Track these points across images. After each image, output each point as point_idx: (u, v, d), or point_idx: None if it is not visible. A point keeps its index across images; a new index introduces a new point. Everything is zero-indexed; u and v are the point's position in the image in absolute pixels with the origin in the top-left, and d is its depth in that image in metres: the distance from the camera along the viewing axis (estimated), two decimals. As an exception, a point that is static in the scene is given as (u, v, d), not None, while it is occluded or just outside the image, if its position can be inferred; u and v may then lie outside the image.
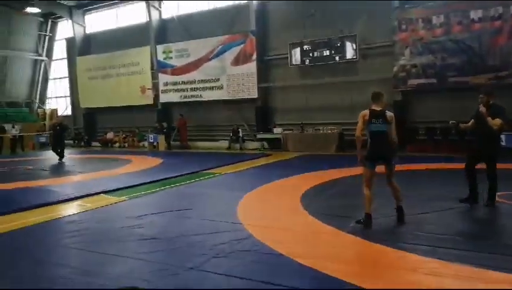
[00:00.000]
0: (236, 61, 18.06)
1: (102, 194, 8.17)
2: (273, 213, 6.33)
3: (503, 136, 9.95)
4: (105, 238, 5.28)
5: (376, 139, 5.44)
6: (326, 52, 16.02)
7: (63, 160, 14.77)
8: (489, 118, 5.91)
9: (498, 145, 6.29)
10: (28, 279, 4.01)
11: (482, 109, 6.01)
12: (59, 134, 15.18)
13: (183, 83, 19.71)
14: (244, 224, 5.61)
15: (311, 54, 16.35)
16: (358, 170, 8.03)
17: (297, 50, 16.63)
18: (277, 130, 17.03)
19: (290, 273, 3.92)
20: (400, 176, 5.87)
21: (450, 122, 6.85)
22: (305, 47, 16.41)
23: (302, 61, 16.60)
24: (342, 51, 15.76)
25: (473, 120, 6.36)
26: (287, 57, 16.88)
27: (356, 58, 15.64)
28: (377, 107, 5.51)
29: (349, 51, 15.63)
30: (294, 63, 16.79)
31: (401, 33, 14.65)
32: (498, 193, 6.25)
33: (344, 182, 8.80)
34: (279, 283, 3.65)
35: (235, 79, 18.13)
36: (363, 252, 4.63)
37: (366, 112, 5.50)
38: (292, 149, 15.76)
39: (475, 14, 13.44)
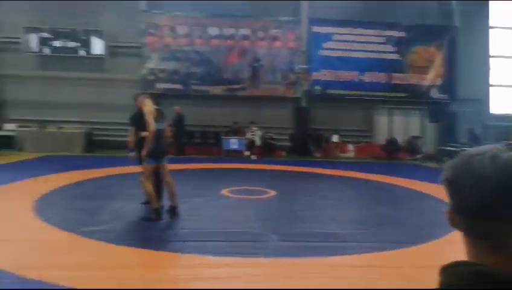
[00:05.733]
0: None
1: None
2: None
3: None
4: None
5: (159, 136, 5.57)
6: (71, 44, 14.83)
7: None
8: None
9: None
10: None
11: None
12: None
13: None
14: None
15: (51, 43, 14.73)
16: (108, 171, 9.52)
17: (34, 36, 14.67)
18: (9, 126, 14.40)
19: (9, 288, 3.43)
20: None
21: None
22: (44, 34, 14.65)
23: (41, 50, 14.84)
24: (88, 44, 14.88)
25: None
26: (21, 42, 14.70)
27: (104, 55, 15.02)
28: (154, 106, 5.65)
29: (96, 46, 14.92)
30: (30, 50, 14.76)
31: (149, 37, 15.05)
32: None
33: (90, 183, 8.42)
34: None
35: None
36: (105, 256, 4.28)
37: (153, 108, 5.56)
38: (30, 149, 13.57)
39: (212, 31, 15.14)
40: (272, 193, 7.75)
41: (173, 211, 5.72)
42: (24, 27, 14.43)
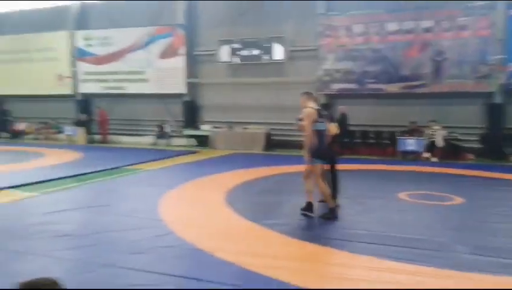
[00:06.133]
0: (164, 55, 17.40)
1: (8, 189, 7.60)
2: (196, 210, 6.26)
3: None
4: (13, 235, 4.98)
5: (321, 137, 5.69)
6: (256, 52, 16.05)
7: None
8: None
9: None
10: None
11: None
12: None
13: (106, 73, 18.52)
14: (166, 220, 5.54)
15: (240, 53, 16.24)
16: (286, 169, 10.01)
17: (227, 47, 16.34)
18: (205, 127, 16.70)
19: (211, 268, 3.96)
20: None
21: None
22: (235, 45, 16.28)
23: (231, 59, 16.39)
24: (270, 51, 15.83)
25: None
26: (216, 54, 16.48)
27: (283, 60, 15.68)
28: (315, 107, 5.75)
29: (278, 52, 15.73)
30: (223, 60, 16.49)
31: (325, 39, 15.04)
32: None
33: (271, 179, 9.01)
34: (200, 277, 3.71)
35: (162, 72, 17.39)
36: (286, 248, 4.61)
37: (314, 110, 5.66)
38: (220, 147, 15.46)
39: (391, 27, 14.29)
40: (458, 199, 7.08)
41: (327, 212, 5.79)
42: (218, 40, 16.48)
